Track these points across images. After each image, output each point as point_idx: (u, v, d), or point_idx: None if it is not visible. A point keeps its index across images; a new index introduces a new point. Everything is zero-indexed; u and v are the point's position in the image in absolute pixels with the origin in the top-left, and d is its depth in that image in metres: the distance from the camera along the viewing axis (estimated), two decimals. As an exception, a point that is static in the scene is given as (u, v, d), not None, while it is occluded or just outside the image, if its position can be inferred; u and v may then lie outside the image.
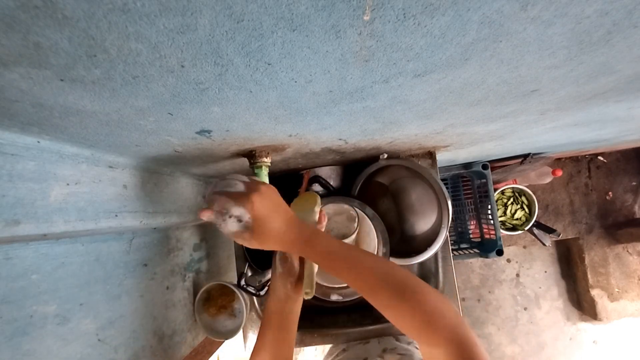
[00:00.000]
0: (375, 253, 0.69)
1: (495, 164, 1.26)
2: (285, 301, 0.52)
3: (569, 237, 1.56)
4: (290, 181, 0.79)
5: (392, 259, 0.71)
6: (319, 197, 0.56)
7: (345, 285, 0.70)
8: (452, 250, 1.22)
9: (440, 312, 0.35)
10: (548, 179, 1.38)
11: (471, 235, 1.27)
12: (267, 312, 0.52)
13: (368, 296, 0.39)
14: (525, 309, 1.69)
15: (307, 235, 0.43)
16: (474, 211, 1.26)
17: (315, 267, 0.52)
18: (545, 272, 1.70)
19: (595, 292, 1.55)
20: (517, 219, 1.37)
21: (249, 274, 0.82)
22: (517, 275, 1.71)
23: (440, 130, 0.57)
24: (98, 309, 0.50)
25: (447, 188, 1.00)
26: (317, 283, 0.71)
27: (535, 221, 1.34)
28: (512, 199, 1.37)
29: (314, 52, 0.25)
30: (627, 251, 1.55)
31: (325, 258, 0.41)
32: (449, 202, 0.70)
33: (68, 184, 0.40)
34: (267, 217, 0.42)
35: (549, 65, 0.33)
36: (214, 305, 0.78)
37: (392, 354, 0.65)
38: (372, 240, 0.70)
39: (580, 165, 1.57)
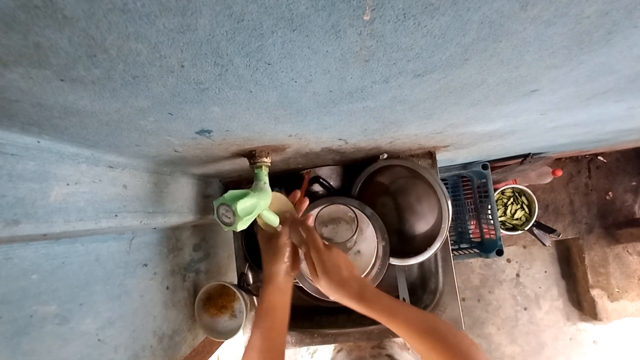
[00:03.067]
0: (375, 251, 0.69)
1: (495, 164, 1.26)
2: (285, 288, 0.57)
3: (569, 237, 1.56)
4: (290, 181, 0.79)
5: (392, 259, 0.71)
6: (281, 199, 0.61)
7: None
8: (452, 250, 1.22)
9: (474, 355, 0.43)
10: (548, 179, 1.38)
11: (471, 235, 1.27)
12: (268, 305, 0.55)
13: (415, 346, 0.47)
14: (525, 309, 1.69)
15: (367, 295, 0.52)
16: (474, 211, 1.26)
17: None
18: (545, 272, 1.69)
19: (595, 292, 1.55)
20: (517, 219, 1.37)
21: (249, 274, 0.82)
22: (517, 275, 1.71)
23: (440, 130, 0.57)
24: (98, 309, 0.50)
25: (447, 188, 1.00)
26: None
27: (535, 221, 1.34)
28: (512, 199, 1.37)
29: (314, 52, 0.25)
30: (627, 251, 1.55)
31: (379, 314, 0.50)
32: (449, 202, 0.70)
33: (68, 184, 0.40)
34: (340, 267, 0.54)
35: (549, 65, 0.33)
36: (214, 305, 0.78)
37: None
38: (370, 238, 0.70)
39: (580, 165, 1.57)
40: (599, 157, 1.56)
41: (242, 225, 0.49)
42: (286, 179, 0.79)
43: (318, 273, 0.54)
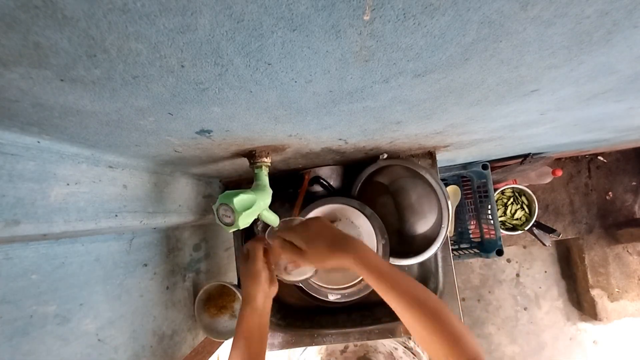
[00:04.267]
0: (375, 252, 0.69)
1: (495, 164, 1.26)
2: (263, 308, 0.57)
3: (569, 237, 1.56)
4: (290, 181, 0.79)
5: (391, 260, 0.71)
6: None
7: (343, 286, 0.70)
8: (452, 250, 1.22)
9: (466, 336, 0.41)
10: (548, 179, 1.38)
11: (471, 235, 1.27)
12: (246, 327, 0.55)
13: (403, 314, 0.45)
14: (525, 309, 1.69)
15: (361, 253, 0.49)
16: (474, 211, 1.26)
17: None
18: (545, 272, 1.70)
19: (595, 292, 1.55)
20: (517, 219, 1.37)
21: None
22: (517, 275, 1.71)
23: (440, 130, 0.57)
24: (98, 309, 0.50)
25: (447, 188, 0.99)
26: (315, 284, 0.71)
27: (535, 221, 1.34)
28: (512, 199, 1.37)
29: (314, 52, 0.25)
30: (627, 251, 1.55)
31: (373, 275, 0.47)
32: (449, 202, 0.70)
33: (68, 184, 0.40)
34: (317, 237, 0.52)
35: (549, 65, 0.33)
36: (214, 305, 0.78)
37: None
38: (370, 239, 0.70)
39: (580, 165, 1.57)
40: (599, 157, 1.56)
41: (243, 221, 0.48)
42: (286, 179, 0.79)
43: (304, 247, 0.52)
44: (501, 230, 1.22)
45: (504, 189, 1.37)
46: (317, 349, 0.76)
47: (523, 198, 1.37)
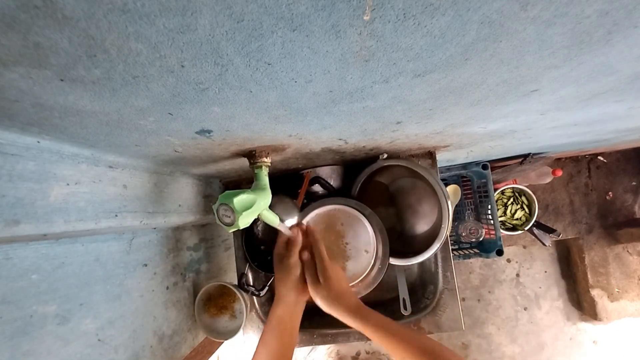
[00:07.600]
0: (375, 251, 0.69)
1: (495, 164, 1.26)
2: (295, 304, 0.57)
3: (569, 237, 1.56)
4: (290, 181, 0.79)
5: (392, 259, 0.71)
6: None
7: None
8: (452, 250, 1.22)
9: None
10: (548, 179, 1.38)
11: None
12: (276, 322, 0.55)
13: None
14: (525, 309, 1.69)
15: (363, 310, 0.52)
16: (474, 211, 1.26)
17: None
18: (545, 272, 1.69)
19: (595, 292, 1.55)
20: (517, 219, 1.37)
21: (249, 274, 0.82)
22: (517, 275, 1.71)
23: (440, 130, 0.57)
24: (98, 309, 0.50)
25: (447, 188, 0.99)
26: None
27: (535, 221, 1.34)
28: (512, 199, 1.37)
29: (314, 52, 0.25)
30: (627, 251, 1.55)
31: (373, 329, 0.49)
32: (449, 202, 0.70)
33: (68, 184, 0.40)
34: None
35: (549, 65, 0.33)
36: (215, 305, 0.78)
37: None
38: (370, 238, 0.70)
39: (580, 165, 1.57)
40: (599, 157, 1.55)
41: (243, 221, 0.48)
42: (286, 179, 0.79)
43: (321, 280, 0.54)
44: (501, 230, 1.22)
45: (504, 189, 1.36)
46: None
47: (523, 198, 1.37)
